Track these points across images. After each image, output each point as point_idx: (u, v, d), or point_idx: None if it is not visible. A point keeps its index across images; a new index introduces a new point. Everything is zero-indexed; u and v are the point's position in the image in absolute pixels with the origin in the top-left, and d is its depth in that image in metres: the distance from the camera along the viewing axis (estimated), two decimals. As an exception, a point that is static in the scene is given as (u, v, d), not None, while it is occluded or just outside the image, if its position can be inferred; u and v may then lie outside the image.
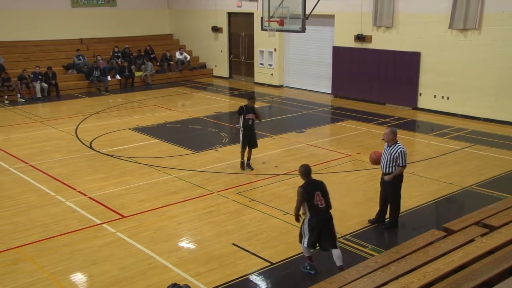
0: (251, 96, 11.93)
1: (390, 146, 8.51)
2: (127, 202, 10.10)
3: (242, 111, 11.61)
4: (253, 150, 11.91)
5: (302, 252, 7.92)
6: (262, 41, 22.47)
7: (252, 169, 11.82)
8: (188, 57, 25.61)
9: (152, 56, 25.06)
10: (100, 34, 25.07)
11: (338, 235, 8.48)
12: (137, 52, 24.91)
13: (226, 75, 25.58)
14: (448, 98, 17.24)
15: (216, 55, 25.77)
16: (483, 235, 7.05)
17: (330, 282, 6.06)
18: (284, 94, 21.61)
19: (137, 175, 11.65)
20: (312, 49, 21.42)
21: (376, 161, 8.81)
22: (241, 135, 11.67)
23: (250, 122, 11.58)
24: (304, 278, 7.25)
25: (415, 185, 10.75)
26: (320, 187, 7.19)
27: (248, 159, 11.90)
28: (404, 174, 8.75)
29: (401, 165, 8.43)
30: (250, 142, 11.70)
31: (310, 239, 7.12)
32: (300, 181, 7.39)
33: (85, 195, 10.47)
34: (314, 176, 7.37)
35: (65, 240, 8.50)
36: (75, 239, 8.56)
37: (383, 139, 8.66)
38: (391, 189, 8.64)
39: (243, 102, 19.83)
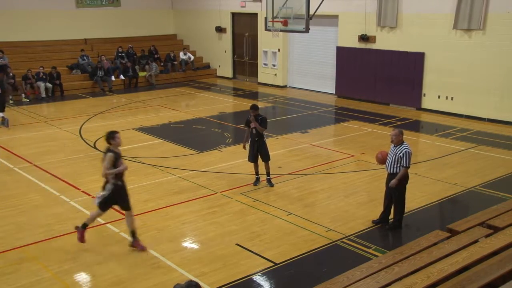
0: (251, 106, 10.72)
1: (396, 147, 8.49)
2: (131, 202, 10.08)
3: (247, 122, 10.70)
4: (269, 162, 10.85)
5: (305, 253, 7.98)
6: (266, 41, 22.47)
7: (272, 185, 10.85)
8: (192, 57, 25.64)
9: (156, 56, 25.10)
10: (104, 34, 25.13)
11: (341, 236, 8.55)
12: (141, 52, 24.96)
13: (230, 75, 25.59)
14: (452, 98, 17.20)
15: (220, 56, 25.78)
16: (487, 236, 7.04)
17: (333, 282, 6.07)
18: (288, 94, 21.60)
19: (141, 175, 11.66)
20: (316, 49, 21.41)
21: (382, 160, 8.80)
22: (248, 146, 10.87)
23: (254, 131, 10.60)
24: (308, 278, 7.25)
25: (419, 186, 10.72)
26: None
27: (267, 174, 10.90)
28: (409, 174, 8.73)
29: (404, 165, 8.41)
30: (260, 155, 10.73)
31: None
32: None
33: (89, 195, 10.49)
34: (318, 177, 7.34)
35: (69, 240, 8.50)
36: (79, 238, 8.58)
37: (392, 141, 8.61)
38: (395, 190, 8.62)
39: (247, 102, 20.01)
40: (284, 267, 7.65)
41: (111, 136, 7.95)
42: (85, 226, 8.21)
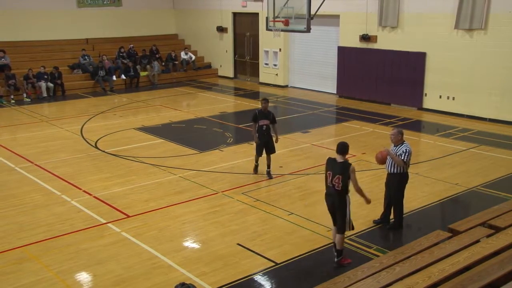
0: (263, 98, 11.17)
1: (397, 146, 8.49)
2: (132, 201, 10.11)
3: (255, 117, 11.04)
4: (271, 156, 11.25)
5: (306, 253, 7.95)
6: (267, 41, 22.45)
7: (271, 177, 11.20)
8: (193, 57, 25.63)
9: (157, 56, 25.10)
10: (106, 34, 25.14)
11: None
12: (142, 52, 24.97)
13: (231, 75, 25.59)
14: (453, 98, 17.18)
15: (221, 55, 25.78)
16: (488, 236, 7.03)
17: (335, 282, 6.07)
18: (289, 94, 21.59)
19: (142, 174, 11.67)
20: (317, 49, 21.40)
21: (382, 160, 8.78)
22: (255, 141, 11.19)
23: (264, 127, 10.97)
24: (309, 278, 7.24)
25: (420, 186, 10.71)
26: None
27: (268, 166, 11.26)
28: (409, 174, 8.73)
29: (402, 159, 8.37)
30: (266, 148, 11.14)
31: None
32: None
33: (90, 194, 10.50)
34: (319, 177, 7.35)
35: (70, 240, 8.52)
36: (80, 238, 8.57)
37: (391, 141, 8.60)
38: (394, 190, 8.61)
39: (248, 102, 20.04)
40: (285, 267, 7.64)
41: (348, 147, 7.76)
42: (340, 253, 7.62)
